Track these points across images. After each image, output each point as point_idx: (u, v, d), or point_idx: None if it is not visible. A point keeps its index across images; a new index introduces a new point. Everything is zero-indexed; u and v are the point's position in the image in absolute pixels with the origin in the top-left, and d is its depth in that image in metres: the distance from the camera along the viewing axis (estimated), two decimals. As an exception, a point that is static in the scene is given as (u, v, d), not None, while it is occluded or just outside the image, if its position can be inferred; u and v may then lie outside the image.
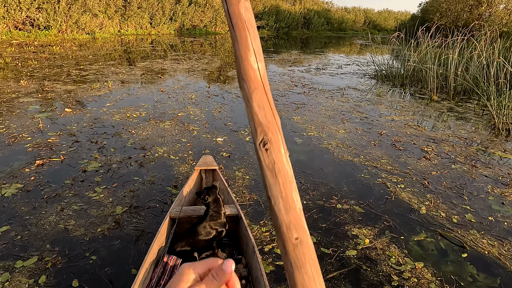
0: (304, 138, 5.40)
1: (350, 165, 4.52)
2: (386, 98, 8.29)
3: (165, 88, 8.09)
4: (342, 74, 11.30)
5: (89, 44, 16.51)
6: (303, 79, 10.09)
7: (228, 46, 20.62)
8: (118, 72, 9.70)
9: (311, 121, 6.22)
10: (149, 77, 9.27)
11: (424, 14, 24.32)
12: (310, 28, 33.19)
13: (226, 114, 6.39)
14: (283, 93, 8.29)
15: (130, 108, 6.42)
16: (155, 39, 21.34)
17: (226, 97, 7.60)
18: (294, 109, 6.94)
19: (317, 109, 7.07)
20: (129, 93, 7.48)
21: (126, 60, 12.14)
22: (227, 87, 8.64)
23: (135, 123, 5.68)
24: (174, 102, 7.03)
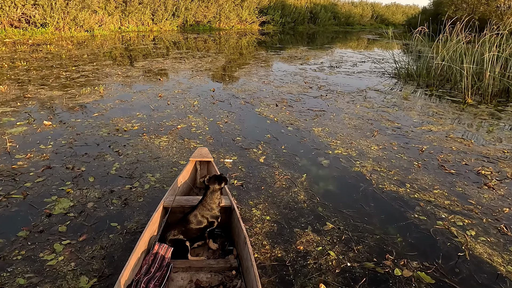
0: (330, 157, 4.34)
1: (396, 199, 3.45)
2: (414, 102, 7.18)
3: (164, 93, 7.04)
4: (359, 73, 10.17)
5: (88, 42, 15.47)
6: (317, 80, 8.98)
7: (232, 42, 19.51)
8: (113, 74, 8.66)
9: (335, 134, 5.15)
10: (147, 80, 8.21)
11: (437, 7, 22.99)
12: (316, 23, 31.88)
13: (234, 126, 5.34)
14: (298, 97, 7.20)
15: (121, 119, 5.38)
16: (157, 35, 20.25)
17: (234, 103, 6.54)
18: (312, 118, 5.86)
19: (339, 117, 5.98)
20: (123, 100, 6.44)
21: (124, 60, 11.09)
22: (234, 90, 7.57)
23: (125, 139, 4.64)
24: (173, 110, 5.98)
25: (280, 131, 5.20)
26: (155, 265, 2.11)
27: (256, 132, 5.12)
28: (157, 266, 2.11)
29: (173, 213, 2.59)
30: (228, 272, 2.25)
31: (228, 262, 2.30)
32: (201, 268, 2.25)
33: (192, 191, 3.21)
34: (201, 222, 2.42)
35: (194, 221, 2.41)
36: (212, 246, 2.55)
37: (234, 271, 2.26)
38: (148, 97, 6.69)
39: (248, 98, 6.91)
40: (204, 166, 3.28)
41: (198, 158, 3.17)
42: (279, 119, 5.70)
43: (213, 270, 2.25)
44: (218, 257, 2.46)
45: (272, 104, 6.54)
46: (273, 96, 7.17)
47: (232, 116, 5.81)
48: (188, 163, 3.15)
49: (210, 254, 2.50)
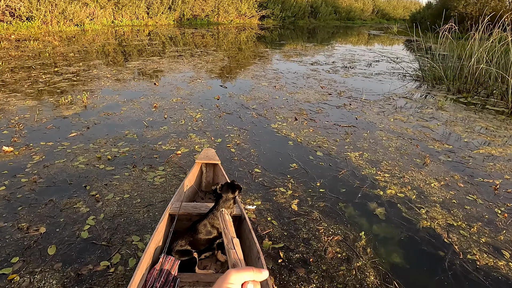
0: (384, 202, 3.19)
1: (499, 280, 2.31)
2: (453, 114, 6.03)
3: (160, 102, 5.82)
4: (377, 75, 8.99)
5: (77, 37, 14.11)
6: (334, 84, 7.80)
7: (232, 38, 18.23)
8: (101, 77, 7.40)
9: (377, 162, 3.99)
10: (141, 84, 6.97)
11: (444, 2, 21.78)
12: (317, 18, 30.57)
13: (249, 150, 4.16)
14: (318, 106, 6.02)
15: (106, 141, 4.18)
16: (153, 30, 18.88)
17: (244, 116, 5.35)
18: (343, 137, 4.69)
19: (375, 135, 4.83)
20: (110, 112, 5.23)
21: (115, 59, 9.80)
22: (242, 97, 6.37)
23: (107, 173, 3.45)
24: (171, 126, 4.78)
25: (308, 157, 4.04)
26: (160, 279, 1.94)
27: (278, 160, 3.95)
28: (162, 281, 1.94)
29: (180, 221, 2.43)
30: None
31: None
32: (210, 283, 2.03)
33: (198, 195, 2.99)
34: (210, 232, 2.21)
35: (204, 231, 2.20)
36: (220, 258, 2.34)
37: None
38: (141, 108, 5.47)
39: (260, 109, 5.71)
40: (211, 168, 3.07)
41: (205, 160, 2.96)
42: (303, 140, 4.53)
43: None
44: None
45: (290, 118, 5.36)
46: (288, 105, 5.99)
47: (244, 135, 4.62)
48: (194, 166, 2.94)
49: (218, 267, 2.29)
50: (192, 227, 2.25)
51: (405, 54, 13.66)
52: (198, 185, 3.05)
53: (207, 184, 3.10)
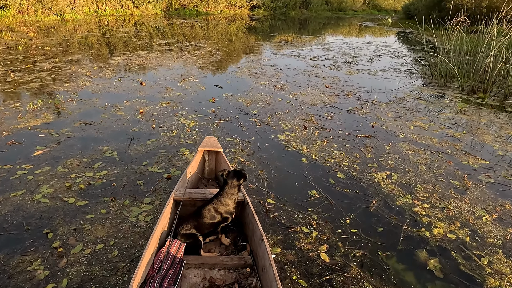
0: (432, 248, 2.48)
1: None
2: (476, 118, 5.37)
3: (147, 107, 4.99)
4: (382, 72, 8.27)
5: (57, 28, 12.96)
6: (339, 82, 7.05)
7: (222, 28, 17.25)
8: (80, 75, 6.48)
9: (410, 186, 3.29)
10: (125, 84, 6.09)
11: (439, -7, 21.12)
12: (308, 8, 29.61)
13: (257, 172, 3.40)
14: (327, 111, 5.27)
15: (78, 163, 3.36)
16: (139, 20, 17.71)
17: (245, 124, 4.56)
18: (363, 152, 3.97)
19: (397, 147, 4.12)
20: (87, 121, 4.37)
21: (97, 53, 8.82)
22: (241, 100, 5.57)
23: (76, 211, 2.64)
24: (160, 139, 3.97)
25: (328, 181, 3.30)
26: (167, 262, 1.95)
27: (293, 185, 3.20)
28: (169, 263, 1.95)
29: (184, 206, 2.43)
30: (242, 269, 2.08)
31: (242, 259, 2.12)
32: (214, 264, 2.07)
33: (201, 182, 3.02)
34: (214, 217, 2.23)
35: (208, 216, 2.23)
36: (224, 242, 2.35)
37: (249, 268, 2.07)
38: (125, 115, 4.63)
39: (262, 115, 4.93)
40: (213, 156, 3.07)
41: (207, 148, 2.94)
42: (318, 156, 3.78)
43: (227, 267, 2.08)
44: (231, 253, 2.28)
45: (299, 126, 4.60)
46: (294, 110, 5.22)
47: (248, 150, 3.85)
48: (197, 153, 2.94)
49: (222, 250, 2.31)
50: (197, 212, 2.28)
51: (404, 48, 12.98)
52: (201, 172, 3.05)
53: (210, 171, 3.10)
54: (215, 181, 3.09)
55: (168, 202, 2.31)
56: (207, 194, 2.47)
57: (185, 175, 2.67)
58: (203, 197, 2.45)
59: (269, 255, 1.89)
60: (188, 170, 2.72)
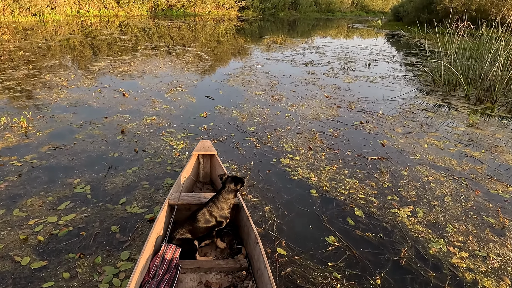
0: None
1: None
2: (490, 133, 4.92)
3: (129, 124, 4.35)
4: (382, 79, 7.80)
5: (36, 29, 12.11)
6: (338, 91, 6.54)
7: (209, 29, 16.62)
8: (54, 85, 5.78)
9: (439, 226, 2.77)
10: (105, 95, 5.43)
11: (428, -4, 20.90)
12: (297, 9, 29.17)
13: (262, 208, 2.82)
14: (331, 126, 4.73)
15: (41, 203, 2.72)
16: (124, 21, 16.90)
17: (243, 146, 3.98)
18: (378, 179, 3.44)
19: (415, 172, 3.61)
20: (58, 144, 3.72)
21: (76, 58, 8.09)
22: (235, 114, 4.98)
23: (29, 279, 2.02)
24: (143, 167, 3.36)
25: (345, 221, 2.76)
26: (163, 267, 1.94)
27: (306, 227, 2.64)
28: (165, 268, 1.94)
29: (179, 211, 2.41)
30: (238, 272, 2.06)
31: (237, 262, 2.10)
32: (210, 268, 2.06)
33: (196, 186, 2.96)
34: (209, 221, 2.20)
35: (202, 220, 2.21)
36: (220, 245, 2.32)
37: (244, 271, 2.05)
38: (103, 135, 3.99)
39: (261, 133, 4.36)
40: (208, 159, 3.02)
41: (201, 152, 2.90)
42: (329, 187, 3.23)
43: (223, 270, 2.06)
44: (227, 256, 2.26)
45: (302, 146, 4.05)
46: (295, 125, 4.67)
47: (248, 179, 3.27)
48: (191, 157, 2.90)
49: (218, 254, 2.29)
50: (191, 216, 2.25)
51: (398, 52, 12.60)
52: (196, 176, 3.02)
53: (205, 175, 3.07)
54: (210, 184, 3.04)
55: (163, 207, 2.29)
56: (202, 198, 2.44)
57: (179, 180, 2.61)
58: (198, 201, 2.42)
59: (264, 257, 1.88)
60: (182, 174, 2.68)
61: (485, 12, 18.25)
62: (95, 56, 8.41)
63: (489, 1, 18.04)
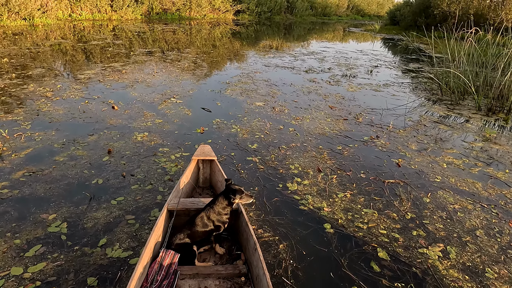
0: None
1: None
2: (509, 148, 4.54)
3: (117, 143, 3.89)
4: (386, 87, 7.42)
5: (25, 34, 11.60)
6: (343, 100, 6.13)
7: (205, 33, 16.22)
8: (38, 97, 5.31)
9: (477, 270, 2.35)
10: (93, 108, 4.97)
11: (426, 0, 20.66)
12: (293, 13, 28.87)
13: (276, 245, 2.39)
14: (339, 142, 4.31)
15: (4, 252, 2.26)
16: (118, 25, 16.43)
17: (245, 167, 3.55)
18: (398, 208, 3.01)
19: (438, 199, 3.19)
20: (34, 169, 3.25)
21: (64, 66, 7.61)
22: (235, 129, 4.55)
23: None
24: (131, 196, 2.91)
25: (369, 266, 2.32)
26: (161, 273, 1.92)
27: (324, 276, 2.21)
28: (163, 274, 1.92)
29: (178, 216, 2.37)
30: (237, 278, 2.03)
31: (236, 268, 2.07)
32: (209, 274, 2.02)
33: (195, 191, 2.91)
34: (207, 225, 2.18)
35: (200, 224, 2.18)
36: (219, 251, 2.29)
37: (243, 277, 2.02)
38: (87, 156, 3.53)
39: (264, 151, 3.93)
40: (207, 164, 2.96)
41: (201, 157, 2.85)
42: (345, 219, 2.80)
43: (222, 276, 2.03)
44: (226, 262, 2.23)
45: (311, 168, 3.62)
46: (300, 142, 4.24)
47: (254, 209, 2.83)
48: (191, 162, 2.84)
49: (217, 259, 2.25)
50: (190, 220, 2.22)
51: (398, 57, 12.25)
52: (195, 181, 2.98)
53: (204, 180, 3.02)
54: (210, 190, 2.99)
55: (161, 213, 2.26)
56: (201, 204, 2.40)
57: (179, 185, 2.58)
58: (197, 207, 2.39)
59: (262, 264, 1.86)
60: (182, 179, 2.65)
61: (483, 16, 18.07)
62: (85, 63, 7.93)
63: (486, 5, 17.83)
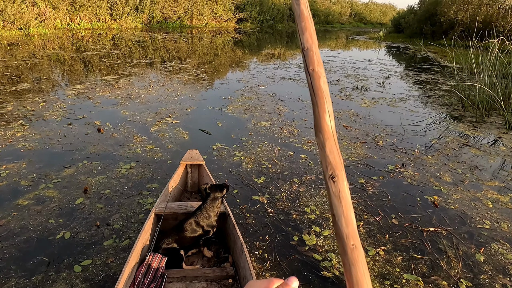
0: None
1: None
2: (556, 176, 3.85)
3: (96, 178, 3.23)
4: (403, 101, 6.73)
5: (21, 44, 11.05)
6: (357, 118, 5.46)
7: (206, 42, 15.69)
8: (15, 118, 4.66)
9: None
10: (75, 133, 4.30)
11: (430, 7, 20.06)
12: (296, 21, 28.36)
13: None
14: (361, 173, 3.62)
15: None
16: (117, 34, 15.91)
17: (250, 209, 2.86)
18: (448, 270, 2.31)
19: (494, 256, 2.49)
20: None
21: (51, 80, 6.99)
22: (239, 157, 3.88)
23: None
24: (101, 256, 2.22)
25: None
26: (149, 276, 1.90)
27: None
28: (151, 277, 1.90)
29: (166, 220, 2.37)
30: (225, 280, 2.04)
31: (224, 270, 2.07)
32: (197, 277, 2.03)
33: (184, 196, 2.92)
34: (196, 230, 2.19)
35: (189, 229, 2.17)
36: (206, 254, 2.29)
37: (231, 279, 2.03)
38: (57, 198, 2.86)
39: (273, 187, 3.24)
40: (195, 169, 2.98)
41: (189, 161, 2.89)
42: (383, 293, 2.13)
43: (209, 279, 2.04)
44: (214, 265, 2.24)
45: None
46: (315, 174, 3.56)
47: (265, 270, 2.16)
48: (179, 167, 2.86)
49: (205, 262, 2.26)
50: (178, 226, 2.21)
51: (408, 66, 11.58)
52: (184, 185, 2.96)
53: (193, 185, 3.00)
54: (198, 194, 2.96)
55: (149, 217, 2.22)
56: (189, 207, 2.39)
57: (167, 189, 2.56)
58: (185, 211, 2.37)
59: (249, 265, 1.86)
60: (170, 183, 2.63)
61: (492, 23, 17.41)
62: (75, 76, 7.32)
63: (495, 12, 17.19)
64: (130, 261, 1.84)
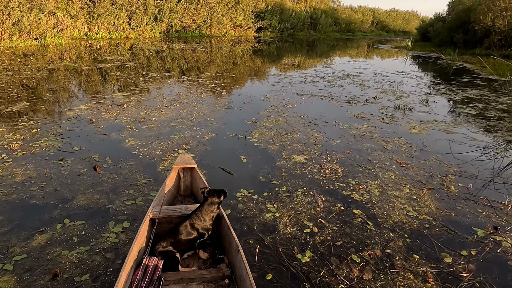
0: None
1: None
2: None
3: (74, 249, 2.28)
4: (458, 126, 5.59)
5: (31, 55, 10.49)
6: (411, 150, 4.38)
7: (225, 51, 14.90)
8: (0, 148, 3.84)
9: None
10: (65, 173, 3.42)
11: (461, 15, 18.68)
12: (317, 29, 27.35)
13: None
14: (443, 242, 2.57)
15: None
16: (135, 44, 15.33)
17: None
18: None
19: None
20: None
21: (53, 98, 6.21)
22: (269, 209, 2.89)
23: None
24: None
25: None
26: (145, 280, 1.87)
27: None
28: (147, 281, 1.87)
29: (160, 224, 2.33)
30: (221, 281, 2.01)
31: (220, 271, 2.06)
32: (193, 279, 2.00)
33: (177, 199, 2.89)
34: (191, 233, 2.16)
35: (184, 232, 2.15)
36: (202, 256, 2.26)
37: (227, 280, 2.00)
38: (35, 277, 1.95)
39: (324, 271, 2.22)
40: (188, 172, 2.95)
41: (181, 165, 2.86)
42: None
43: (206, 280, 2.01)
44: (209, 266, 2.20)
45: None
46: (380, 246, 2.53)
47: None
48: (172, 171, 2.85)
49: (200, 264, 2.22)
50: (173, 229, 2.19)
51: (446, 80, 10.36)
52: (177, 189, 2.94)
53: (186, 188, 2.98)
54: (191, 197, 2.92)
55: (144, 221, 2.20)
56: (183, 210, 2.37)
57: (161, 193, 2.54)
58: (179, 214, 2.35)
59: (245, 264, 1.84)
60: (163, 188, 2.60)
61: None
62: (80, 93, 6.55)
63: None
64: (126, 266, 1.81)
